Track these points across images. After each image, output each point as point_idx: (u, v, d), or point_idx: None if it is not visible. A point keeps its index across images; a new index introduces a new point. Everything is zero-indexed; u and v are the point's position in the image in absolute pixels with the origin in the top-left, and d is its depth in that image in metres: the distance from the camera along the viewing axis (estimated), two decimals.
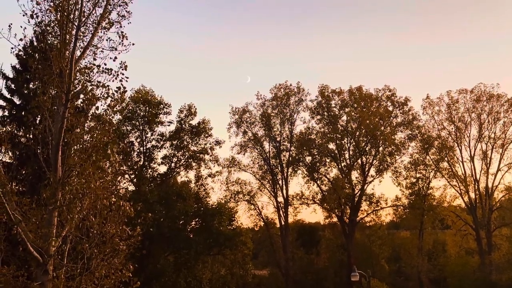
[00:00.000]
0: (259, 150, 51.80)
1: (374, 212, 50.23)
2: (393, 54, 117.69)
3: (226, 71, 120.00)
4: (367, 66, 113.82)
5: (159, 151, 43.88)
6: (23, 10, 11.19)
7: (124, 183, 40.44)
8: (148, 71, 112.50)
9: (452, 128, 49.16)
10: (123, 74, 11.45)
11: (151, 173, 43.30)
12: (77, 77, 11.55)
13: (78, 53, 11.52)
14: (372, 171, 50.52)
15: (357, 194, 49.81)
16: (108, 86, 11.38)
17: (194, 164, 44.15)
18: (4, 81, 24.34)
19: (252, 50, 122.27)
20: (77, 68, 11.55)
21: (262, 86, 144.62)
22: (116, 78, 11.39)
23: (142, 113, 43.38)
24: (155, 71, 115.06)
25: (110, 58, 11.52)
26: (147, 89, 44.37)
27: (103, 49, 11.59)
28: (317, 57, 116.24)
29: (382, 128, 49.53)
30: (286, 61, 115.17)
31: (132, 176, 42.22)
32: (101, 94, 11.28)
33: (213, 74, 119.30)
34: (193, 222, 43.38)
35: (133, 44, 11.53)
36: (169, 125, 44.37)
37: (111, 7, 11.76)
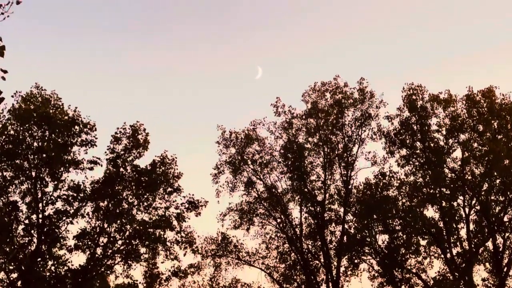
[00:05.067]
0: (279, 220, 50.19)
1: None
2: None
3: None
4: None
5: (71, 222, 41.87)
6: None
7: None
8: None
9: None
10: None
11: (54, 268, 41.71)
12: None
13: None
14: None
15: None
16: None
17: (143, 249, 42.66)
18: None
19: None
20: None
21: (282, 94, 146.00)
22: None
23: (36, 144, 41.70)
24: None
25: None
26: (46, 95, 42.67)
27: None
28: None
29: None
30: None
31: (15, 274, 40.73)
32: None
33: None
34: None
35: (18, 2, 12.05)
36: (91, 168, 42.74)
37: None
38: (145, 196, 42.44)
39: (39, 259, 40.34)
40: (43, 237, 40.69)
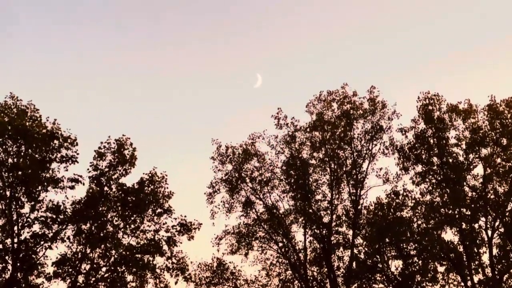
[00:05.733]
0: (281, 245, 49.81)
1: None
2: None
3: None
4: None
5: (50, 247, 42.29)
6: None
7: None
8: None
9: None
10: None
11: None
12: None
13: None
14: None
15: None
16: None
17: (129, 277, 43.17)
18: None
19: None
20: None
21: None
22: None
23: (10, 160, 42.32)
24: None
25: None
26: (22, 105, 42.99)
27: None
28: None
29: None
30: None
31: None
32: None
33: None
34: None
35: None
36: (72, 187, 43.16)
37: None
38: (132, 218, 42.74)
39: None
40: (18, 264, 40.73)
